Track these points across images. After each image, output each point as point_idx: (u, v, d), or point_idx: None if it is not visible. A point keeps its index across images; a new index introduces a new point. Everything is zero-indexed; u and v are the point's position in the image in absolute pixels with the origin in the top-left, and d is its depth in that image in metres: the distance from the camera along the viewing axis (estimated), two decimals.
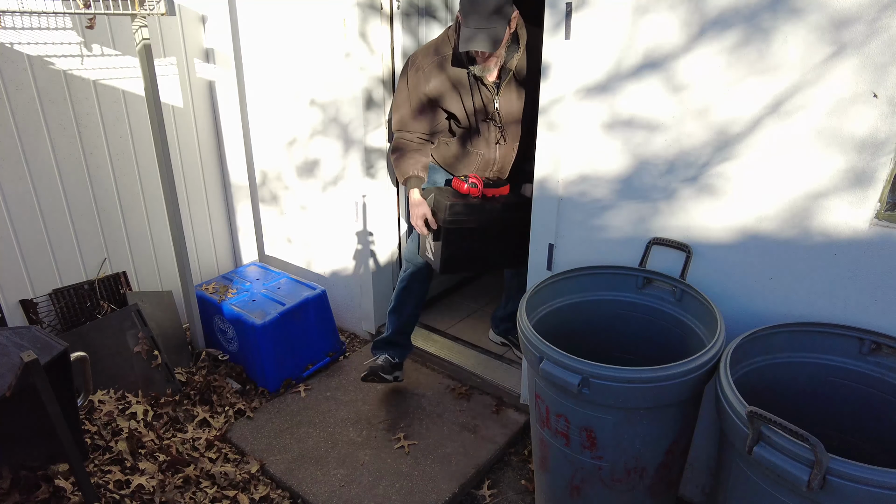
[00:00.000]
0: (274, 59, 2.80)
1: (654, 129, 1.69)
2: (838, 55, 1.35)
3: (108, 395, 2.37)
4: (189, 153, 3.04)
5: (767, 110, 1.48)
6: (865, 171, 1.38)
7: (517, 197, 2.34)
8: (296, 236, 3.16)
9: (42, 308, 2.53)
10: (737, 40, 1.48)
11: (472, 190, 2.21)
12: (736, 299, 1.68)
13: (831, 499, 1.09)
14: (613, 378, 1.36)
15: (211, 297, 2.71)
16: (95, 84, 2.55)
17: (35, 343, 1.58)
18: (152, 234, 2.94)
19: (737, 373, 1.47)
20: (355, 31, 2.42)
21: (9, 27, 2.23)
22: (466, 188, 2.22)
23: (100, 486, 1.97)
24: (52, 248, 2.55)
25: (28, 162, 2.40)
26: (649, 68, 1.64)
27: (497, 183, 2.29)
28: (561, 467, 1.63)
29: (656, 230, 1.79)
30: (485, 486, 2.12)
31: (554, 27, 1.79)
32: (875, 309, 1.45)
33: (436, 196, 2.21)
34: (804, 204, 1.50)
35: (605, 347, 1.88)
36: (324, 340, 2.80)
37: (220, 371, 2.69)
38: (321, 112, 2.71)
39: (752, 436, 1.18)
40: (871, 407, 1.47)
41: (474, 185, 2.21)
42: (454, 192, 2.25)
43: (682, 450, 1.62)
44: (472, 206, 2.19)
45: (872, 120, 1.35)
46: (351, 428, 2.37)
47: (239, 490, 2.06)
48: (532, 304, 1.72)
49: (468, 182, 2.22)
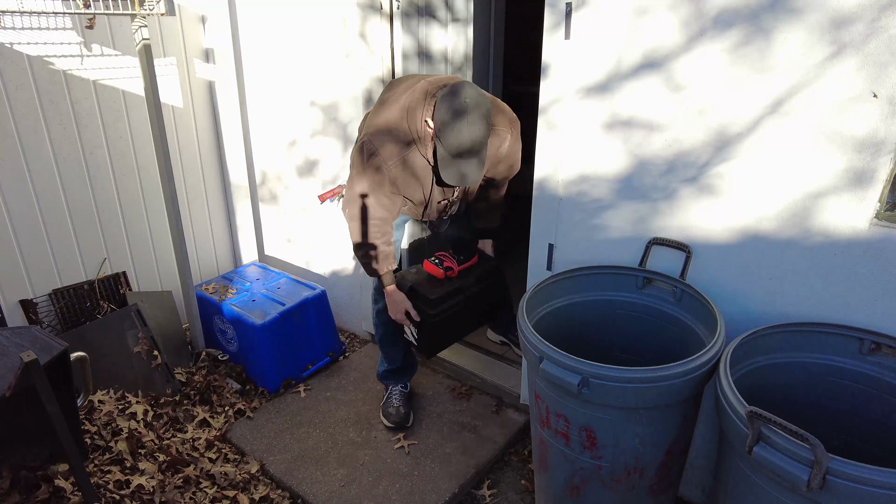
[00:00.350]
0: (274, 59, 2.80)
1: (653, 128, 1.69)
2: (838, 55, 1.35)
3: (107, 395, 2.37)
4: (189, 153, 3.04)
5: (767, 110, 1.48)
6: (865, 171, 1.38)
7: (487, 261, 2.32)
8: (296, 236, 3.16)
9: (42, 308, 2.53)
10: (736, 40, 1.48)
11: (448, 273, 2.18)
12: (736, 299, 1.68)
13: (831, 499, 1.09)
14: (613, 378, 1.36)
15: (211, 298, 2.71)
16: (95, 84, 2.55)
17: (35, 343, 1.58)
18: (152, 235, 2.94)
19: (737, 373, 1.47)
20: (355, 30, 2.42)
21: (9, 27, 2.23)
22: (443, 273, 2.18)
23: (100, 487, 1.97)
24: (52, 249, 2.55)
25: (28, 162, 2.40)
26: (649, 68, 1.64)
27: (468, 256, 2.27)
28: (561, 467, 1.63)
29: (656, 230, 1.79)
30: (485, 486, 2.12)
31: (554, 27, 1.79)
32: (875, 309, 1.45)
33: (414, 287, 2.14)
34: (804, 204, 1.50)
35: (605, 347, 1.88)
36: (324, 340, 2.80)
37: (219, 371, 2.69)
38: (321, 112, 2.71)
39: (751, 436, 1.17)
40: (870, 407, 1.47)
41: (449, 268, 2.18)
42: (430, 278, 2.19)
43: (682, 450, 1.62)
44: (452, 290, 2.15)
45: (872, 120, 1.34)
46: (351, 428, 2.37)
47: (239, 490, 2.06)
48: (532, 304, 1.72)
49: (442, 266, 2.18)
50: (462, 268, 2.22)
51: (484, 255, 2.36)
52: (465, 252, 2.29)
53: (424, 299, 2.11)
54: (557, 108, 1.86)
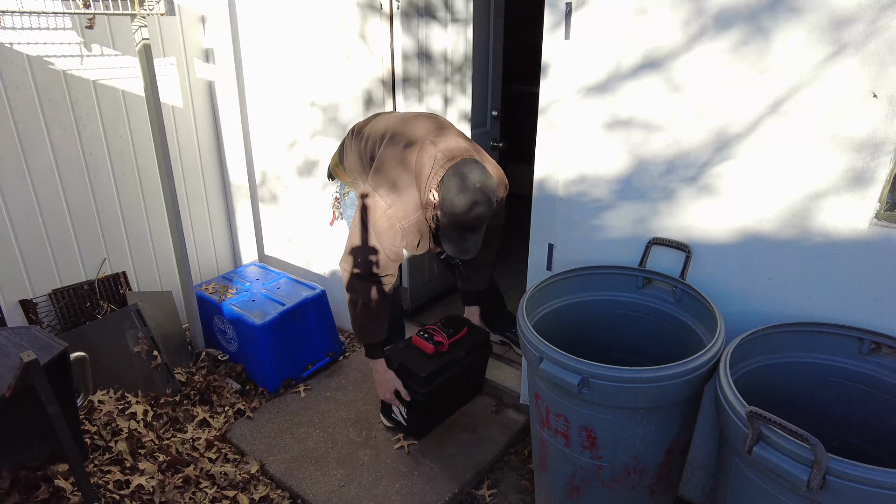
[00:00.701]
0: (274, 59, 2.80)
1: (653, 129, 1.69)
2: (838, 55, 1.35)
3: (107, 395, 2.37)
4: (189, 153, 3.04)
5: (767, 110, 1.48)
6: (865, 171, 1.39)
7: (475, 332, 2.28)
8: (295, 236, 3.16)
9: (42, 308, 2.53)
10: (736, 40, 1.48)
11: (439, 348, 2.12)
12: (735, 299, 1.68)
13: (831, 499, 1.09)
14: (613, 378, 1.36)
15: (211, 298, 2.71)
16: (95, 84, 2.55)
17: (35, 343, 1.58)
18: (152, 235, 2.94)
19: (736, 373, 1.47)
20: (355, 31, 2.42)
21: (8, 27, 2.23)
22: (433, 348, 2.11)
23: (99, 487, 1.97)
24: (52, 249, 2.55)
25: (28, 162, 2.40)
26: (649, 68, 1.64)
27: (457, 328, 2.21)
28: (561, 467, 1.63)
29: (656, 230, 1.79)
30: (484, 487, 2.12)
31: (553, 27, 1.79)
32: (875, 309, 1.45)
33: (404, 365, 2.06)
34: (804, 204, 1.50)
35: (605, 347, 1.88)
36: (323, 340, 2.80)
37: (219, 371, 2.69)
38: (321, 112, 2.71)
39: (751, 436, 1.17)
40: (870, 407, 1.47)
41: (440, 342, 2.12)
42: (419, 354, 2.11)
43: (682, 450, 1.62)
44: (443, 365, 2.10)
45: (872, 120, 1.34)
46: (351, 428, 2.37)
47: (239, 490, 2.06)
48: (532, 304, 1.72)
49: (432, 341, 2.11)
50: (452, 341, 2.16)
51: (473, 326, 2.30)
52: (454, 324, 2.23)
53: (416, 377, 2.03)
54: (557, 108, 1.86)
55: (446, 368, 2.10)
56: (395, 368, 2.06)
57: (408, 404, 2.06)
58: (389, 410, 2.16)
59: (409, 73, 2.69)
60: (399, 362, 2.06)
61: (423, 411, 2.07)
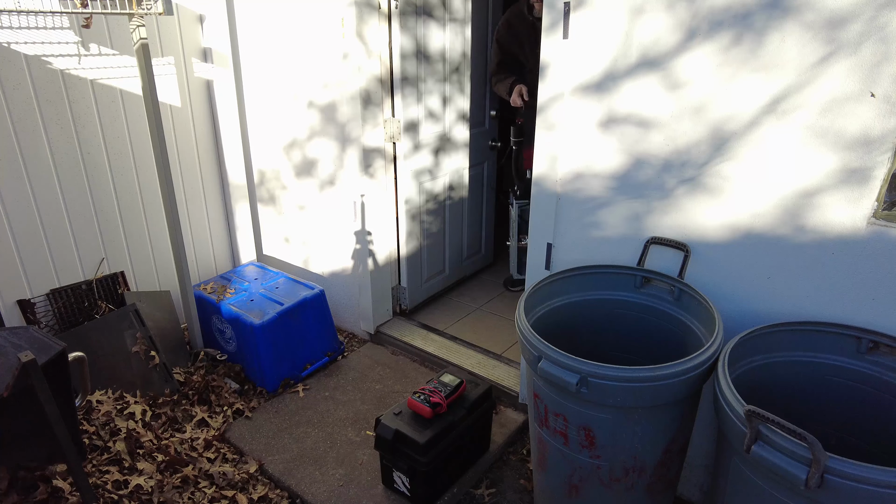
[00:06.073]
0: (272, 59, 2.80)
1: (650, 127, 1.69)
2: (835, 54, 1.35)
3: (106, 395, 2.36)
4: (187, 152, 3.03)
5: (764, 109, 1.48)
6: (863, 170, 1.39)
7: (475, 385, 2.14)
8: (294, 236, 3.16)
9: (39, 308, 2.53)
10: (732, 39, 1.48)
11: (437, 410, 1.95)
12: (734, 298, 1.69)
13: (829, 497, 1.09)
14: (612, 377, 1.36)
15: (209, 297, 2.70)
16: (93, 83, 2.55)
17: (33, 343, 1.58)
18: (150, 234, 2.93)
19: (735, 372, 1.47)
20: (353, 30, 2.42)
21: (6, 26, 2.23)
22: (430, 411, 1.93)
23: (98, 487, 1.97)
24: (50, 248, 2.55)
25: (25, 161, 2.39)
26: (646, 67, 1.64)
27: (455, 385, 2.04)
28: (559, 466, 1.63)
29: (654, 229, 1.79)
30: (483, 486, 2.12)
31: (552, 26, 1.79)
32: (873, 308, 1.46)
33: (401, 433, 1.90)
34: (801, 203, 1.50)
35: (604, 347, 1.88)
36: (322, 340, 2.80)
37: (218, 371, 2.69)
38: (319, 111, 2.71)
39: (750, 435, 1.18)
40: (868, 405, 1.47)
41: (437, 404, 1.95)
42: (416, 419, 1.94)
43: (681, 449, 1.62)
44: (444, 428, 1.93)
45: (869, 119, 1.35)
46: (349, 427, 2.37)
47: (237, 490, 2.06)
48: (530, 303, 1.72)
49: (429, 403, 1.95)
50: (451, 400, 2.00)
51: (472, 380, 2.17)
52: (450, 381, 2.07)
53: (414, 445, 1.87)
54: (556, 107, 1.86)
55: (447, 431, 1.95)
56: (390, 438, 1.92)
57: (410, 474, 1.95)
58: (391, 479, 2.04)
59: (407, 73, 2.69)
60: (395, 430, 1.91)
61: (426, 481, 1.95)
